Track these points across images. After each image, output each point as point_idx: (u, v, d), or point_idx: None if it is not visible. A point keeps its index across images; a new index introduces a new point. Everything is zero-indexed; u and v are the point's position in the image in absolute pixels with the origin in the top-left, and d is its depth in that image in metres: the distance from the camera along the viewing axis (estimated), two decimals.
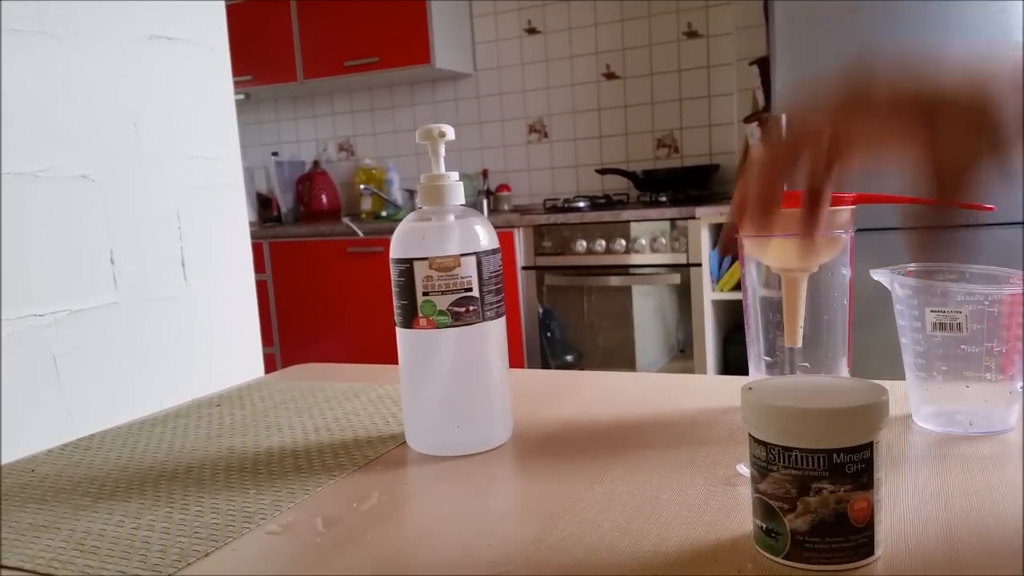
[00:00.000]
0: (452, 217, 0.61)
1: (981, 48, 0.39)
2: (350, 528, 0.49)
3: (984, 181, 0.37)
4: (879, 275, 0.61)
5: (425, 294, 0.59)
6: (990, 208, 0.52)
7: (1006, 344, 0.56)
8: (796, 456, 0.39)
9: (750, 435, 0.42)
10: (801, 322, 0.57)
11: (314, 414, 0.75)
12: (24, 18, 1.09)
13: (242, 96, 3.68)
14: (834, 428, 0.39)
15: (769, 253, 0.57)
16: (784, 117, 0.42)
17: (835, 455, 0.39)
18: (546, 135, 3.43)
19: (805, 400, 0.40)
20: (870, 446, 0.39)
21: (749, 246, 0.58)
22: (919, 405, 0.61)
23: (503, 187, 3.45)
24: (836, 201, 0.54)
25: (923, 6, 2.14)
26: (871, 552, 0.40)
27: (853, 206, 0.56)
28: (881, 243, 2.49)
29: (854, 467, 0.39)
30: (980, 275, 0.60)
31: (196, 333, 1.35)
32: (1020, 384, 0.58)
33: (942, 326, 0.57)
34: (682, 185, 2.93)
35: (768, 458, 0.40)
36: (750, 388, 0.42)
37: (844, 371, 0.60)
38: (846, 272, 0.59)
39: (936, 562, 0.40)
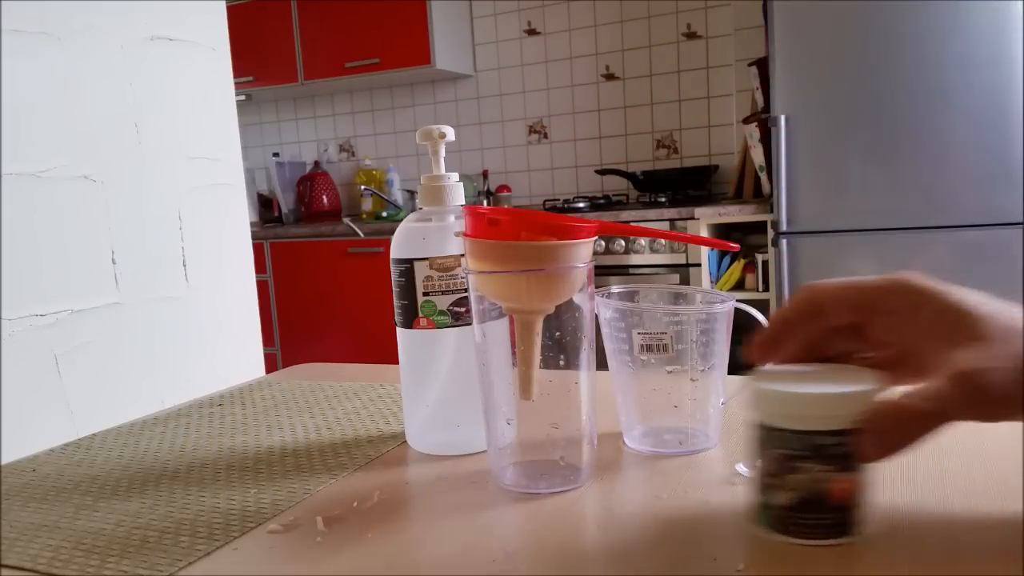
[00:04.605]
0: (452, 217, 0.61)
1: None
2: (351, 527, 0.49)
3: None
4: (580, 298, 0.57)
5: (425, 294, 0.60)
6: (734, 247, 0.56)
7: (710, 362, 0.57)
8: (782, 436, 0.42)
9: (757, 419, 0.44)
10: (536, 371, 0.50)
11: (315, 413, 0.75)
12: (25, 19, 1.10)
13: (243, 97, 3.69)
14: (816, 411, 0.41)
15: (500, 289, 0.50)
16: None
17: (817, 437, 0.41)
18: (546, 136, 3.44)
19: (796, 385, 0.42)
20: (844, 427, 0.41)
21: (477, 281, 0.51)
22: (631, 427, 0.61)
23: (503, 188, 3.45)
24: (577, 231, 0.48)
25: (923, 6, 2.14)
26: (851, 531, 0.42)
27: (593, 237, 0.50)
28: (878, 243, 2.48)
29: (837, 449, 0.41)
30: (674, 295, 0.63)
31: (197, 333, 1.35)
32: (722, 401, 0.59)
33: (649, 348, 0.57)
34: (681, 186, 2.94)
35: (761, 437, 0.43)
36: (754, 372, 0.45)
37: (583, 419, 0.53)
38: (587, 306, 0.52)
39: (927, 549, 0.41)
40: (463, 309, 0.59)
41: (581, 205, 2.94)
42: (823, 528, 0.42)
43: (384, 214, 3.42)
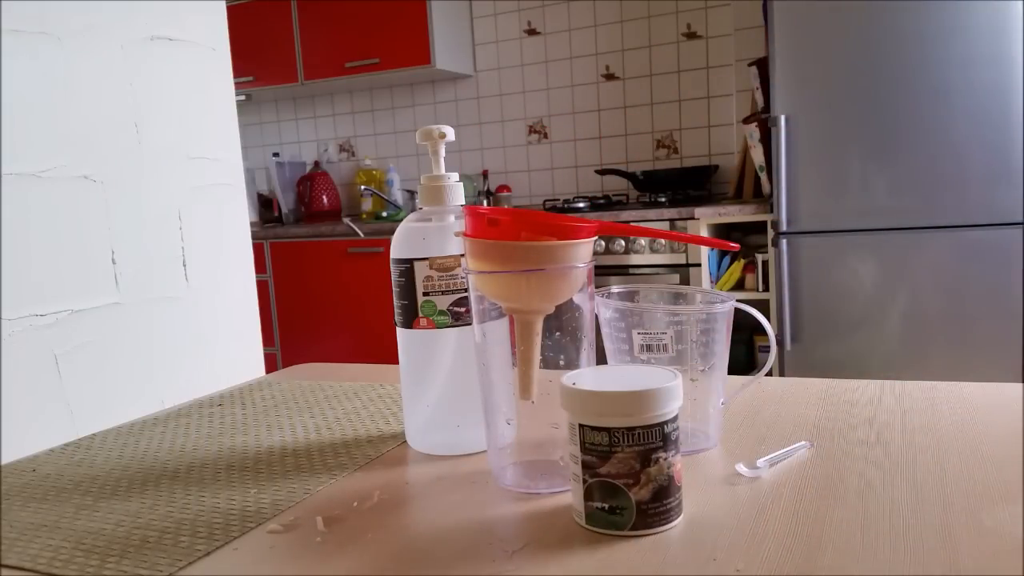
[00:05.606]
0: (452, 217, 0.61)
1: None
2: (351, 527, 0.49)
3: None
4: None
5: (425, 294, 0.60)
6: (734, 247, 0.59)
7: (710, 362, 0.57)
8: (639, 433, 0.44)
9: (583, 426, 0.45)
10: (536, 371, 0.50)
11: (315, 413, 0.75)
12: (25, 19, 1.10)
13: (243, 97, 3.69)
14: (664, 400, 0.44)
15: (499, 289, 0.50)
16: None
17: (666, 425, 0.44)
18: (546, 136, 3.44)
19: (630, 384, 0.45)
20: (677, 412, 0.45)
21: (477, 281, 0.51)
22: None
23: (503, 188, 3.45)
24: (577, 231, 0.48)
25: (923, 6, 2.14)
26: (682, 508, 0.47)
27: (593, 237, 0.50)
28: (878, 243, 2.47)
29: (675, 433, 0.45)
30: (674, 295, 0.63)
31: (197, 333, 1.35)
32: (722, 401, 0.59)
33: (649, 348, 0.57)
34: (681, 186, 2.94)
35: (611, 441, 0.44)
36: (574, 383, 0.46)
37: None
38: (587, 306, 0.52)
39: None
40: (463, 309, 0.59)
41: (581, 205, 2.94)
42: (673, 510, 0.45)
43: (384, 214, 3.42)
